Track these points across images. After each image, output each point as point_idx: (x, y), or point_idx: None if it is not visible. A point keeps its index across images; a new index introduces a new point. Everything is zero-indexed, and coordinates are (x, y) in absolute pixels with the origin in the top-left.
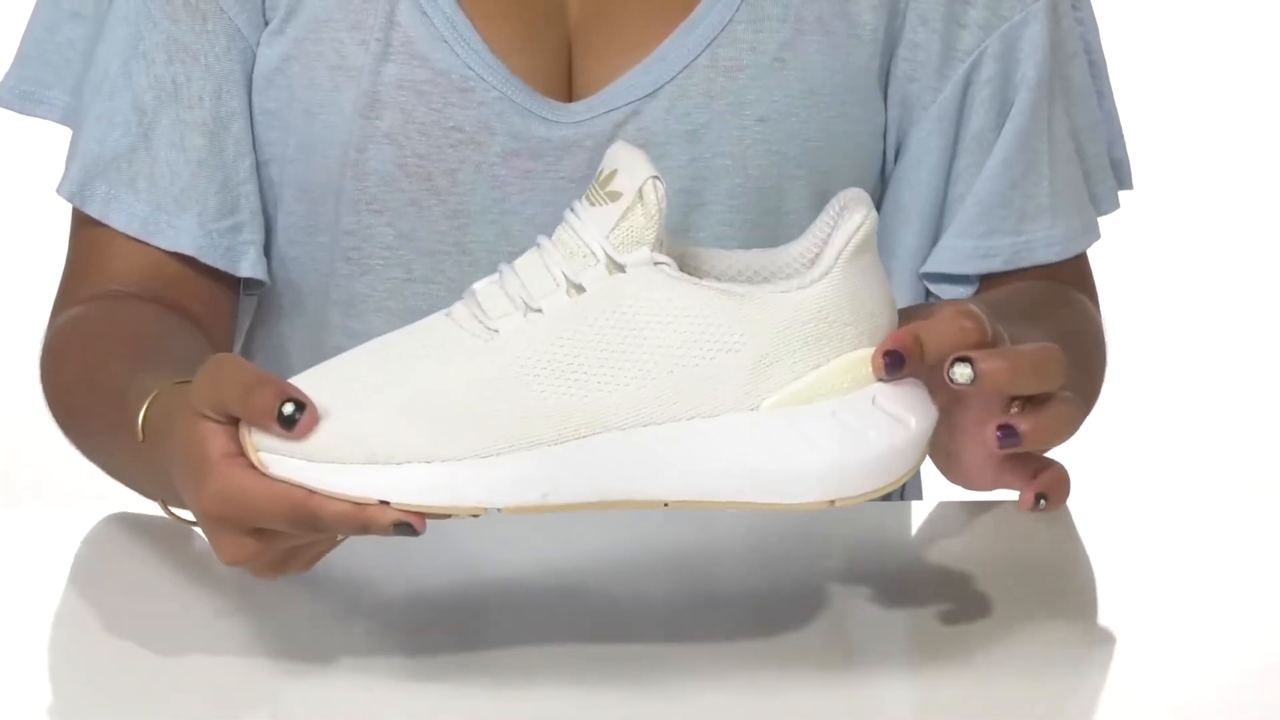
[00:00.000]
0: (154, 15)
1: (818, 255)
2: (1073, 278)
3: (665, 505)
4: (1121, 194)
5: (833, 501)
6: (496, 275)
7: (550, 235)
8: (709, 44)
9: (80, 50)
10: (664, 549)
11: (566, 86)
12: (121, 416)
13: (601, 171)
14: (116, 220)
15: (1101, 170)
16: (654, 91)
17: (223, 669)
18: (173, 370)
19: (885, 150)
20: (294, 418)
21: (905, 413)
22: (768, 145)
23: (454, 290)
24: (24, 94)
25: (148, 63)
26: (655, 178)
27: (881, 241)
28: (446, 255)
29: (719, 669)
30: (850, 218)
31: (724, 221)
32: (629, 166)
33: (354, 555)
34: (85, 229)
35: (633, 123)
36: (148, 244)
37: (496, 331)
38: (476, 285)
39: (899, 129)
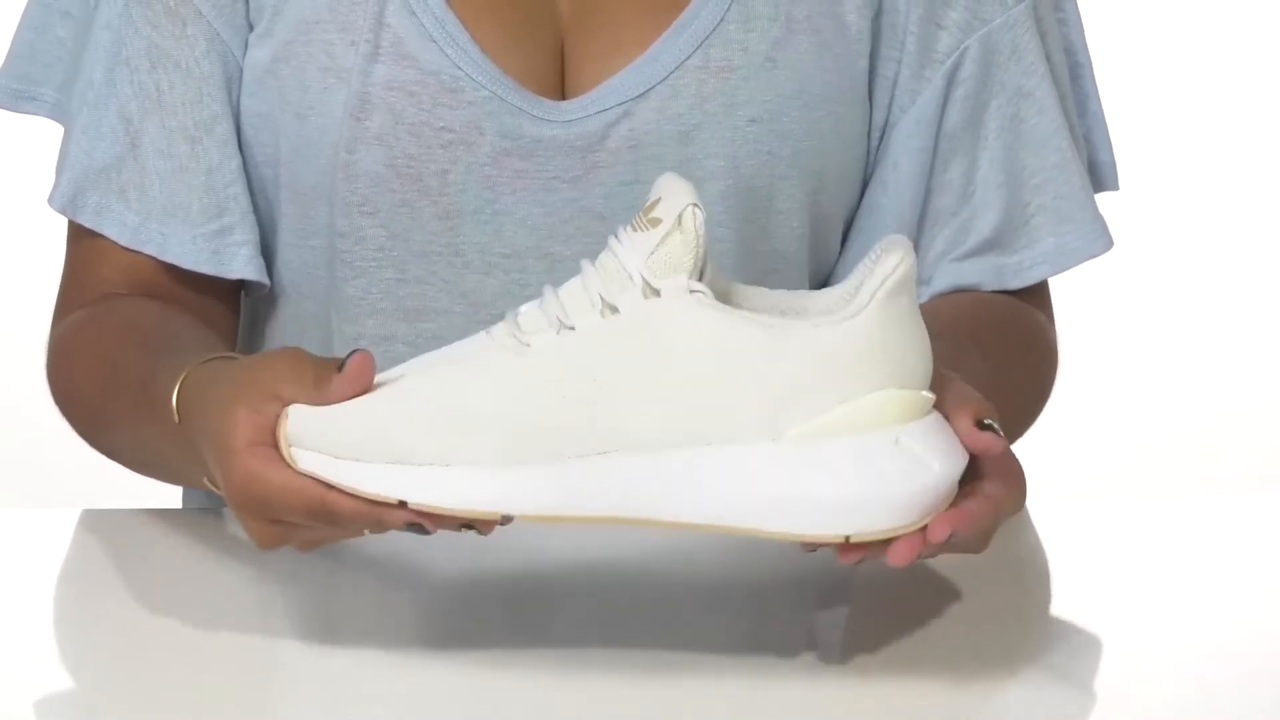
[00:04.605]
0: (135, 21)
1: (854, 296)
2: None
3: (682, 527)
4: (1113, 194)
5: (848, 537)
6: (540, 298)
7: (594, 260)
8: (700, 44)
9: (70, 49)
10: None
11: (559, 86)
12: (149, 401)
13: (647, 199)
14: (109, 231)
15: None
16: (645, 92)
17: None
18: (192, 354)
19: (871, 150)
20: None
21: (929, 455)
22: (759, 145)
23: (447, 291)
24: (15, 92)
25: (131, 70)
26: (695, 205)
27: (855, 243)
28: (439, 256)
29: (704, 665)
30: (887, 260)
31: (716, 222)
32: (671, 194)
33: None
34: (80, 239)
35: (624, 123)
36: (140, 252)
37: (529, 346)
38: (522, 307)
39: (882, 131)
